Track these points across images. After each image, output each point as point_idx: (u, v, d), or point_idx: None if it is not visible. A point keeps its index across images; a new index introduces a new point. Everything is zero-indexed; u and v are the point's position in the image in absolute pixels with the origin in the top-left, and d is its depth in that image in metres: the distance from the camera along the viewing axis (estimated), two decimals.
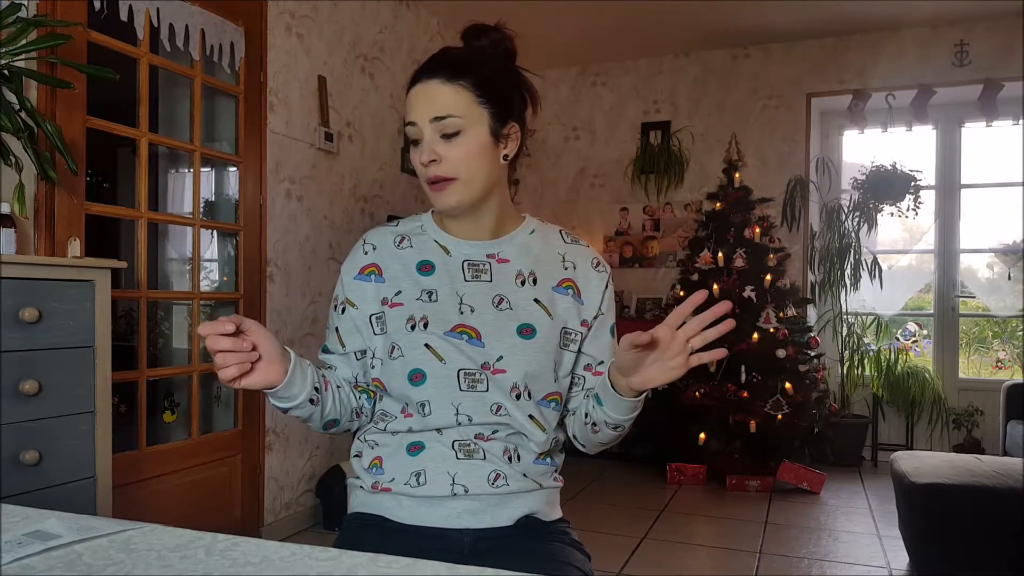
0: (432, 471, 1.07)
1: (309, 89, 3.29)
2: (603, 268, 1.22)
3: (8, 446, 1.64)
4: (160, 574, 0.63)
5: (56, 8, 2.16)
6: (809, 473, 3.91)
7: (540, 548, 1.09)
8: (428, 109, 1.06)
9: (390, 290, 1.13)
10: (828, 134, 4.98)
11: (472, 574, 0.62)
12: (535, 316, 1.12)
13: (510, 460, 1.09)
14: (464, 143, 1.06)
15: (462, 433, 1.08)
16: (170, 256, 3.15)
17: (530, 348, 1.09)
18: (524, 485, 1.10)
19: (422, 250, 1.16)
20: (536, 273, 1.15)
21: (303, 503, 3.24)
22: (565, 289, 1.16)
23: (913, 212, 4.46)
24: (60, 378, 1.75)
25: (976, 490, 2.44)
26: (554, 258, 1.18)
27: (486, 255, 1.15)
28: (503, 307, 1.12)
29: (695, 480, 4.07)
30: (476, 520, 1.07)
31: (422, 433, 1.09)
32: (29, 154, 1.86)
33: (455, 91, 1.05)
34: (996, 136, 4.65)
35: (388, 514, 1.10)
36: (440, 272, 1.13)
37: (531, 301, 1.13)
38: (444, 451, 1.08)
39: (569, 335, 1.15)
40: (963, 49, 4.40)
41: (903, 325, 4.89)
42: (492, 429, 1.09)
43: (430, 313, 1.10)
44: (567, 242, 1.22)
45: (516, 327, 1.10)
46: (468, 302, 1.11)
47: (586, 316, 1.17)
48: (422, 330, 1.09)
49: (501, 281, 1.14)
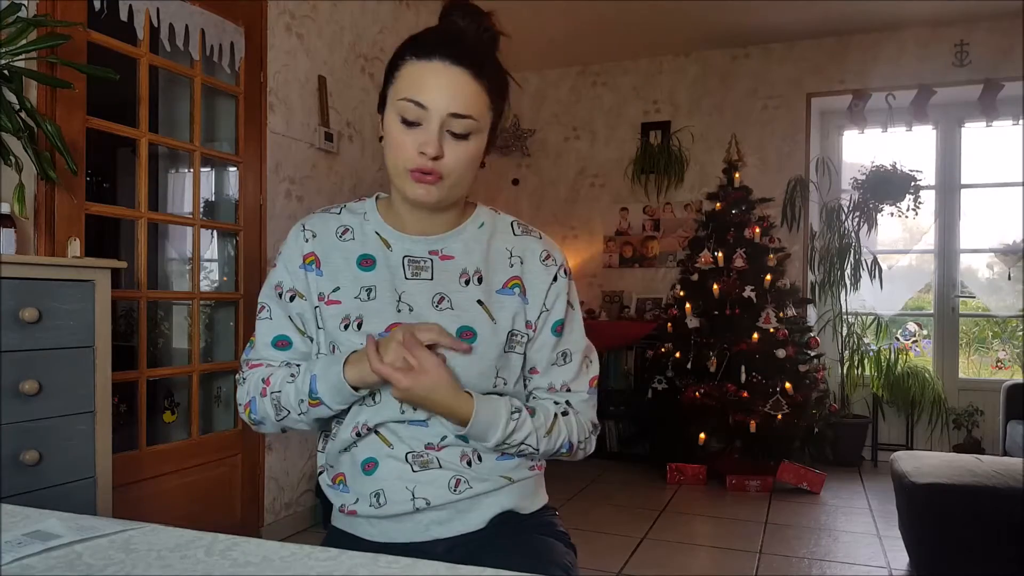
0: (390, 489, 1.03)
1: (309, 89, 3.29)
2: (553, 261, 1.10)
3: (8, 446, 1.64)
4: (160, 574, 0.63)
5: (56, 8, 2.16)
6: (809, 473, 3.91)
7: (517, 545, 1.05)
8: (450, 100, 0.97)
9: (328, 285, 1.06)
10: (828, 134, 4.98)
11: (472, 574, 0.62)
12: (476, 319, 1.04)
13: (469, 464, 1.04)
14: (470, 147, 1.00)
15: (411, 443, 1.03)
16: (170, 256, 3.14)
17: (467, 354, 1.02)
18: (490, 484, 1.05)
19: (364, 243, 1.08)
20: (482, 271, 1.07)
21: (303, 503, 3.24)
22: (511, 289, 1.07)
23: (913, 212, 4.46)
24: (60, 378, 1.75)
25: (976, 490, 2.44)
26: (501, 254, 1.09)
27: (428, 251, 1.08)
28: (443, 307, 1.04)
29: (695, 480, 4.07)
30: (445, 529, 1.04)
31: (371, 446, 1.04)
32: (29, 154, 1.86)
33: (479, 91, 0.99)
34: (996, 136, 4.64)
35: (360, 533, 1.08)
36: (380, 268, 1.06)
37: (474, 302, 1.05)
38: (399, 466, 1.03)
39: (515, 336, 1.07)
40: (963, 49, 4.40)
41: (903, 325, 4.89)
42: (440, 436, 1.03)
43: (366, 312, 1.04)
44: (517, 234, 1.12)
45: (456, 329, 1.02)
46: (407, 300, 1.05)
47: (530, 316, 1.08)
48: (355, 330, 1.03)
49: (443, 279, 1.06)
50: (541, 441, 1.05)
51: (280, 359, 1.10)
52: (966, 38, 4.39)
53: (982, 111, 4.40)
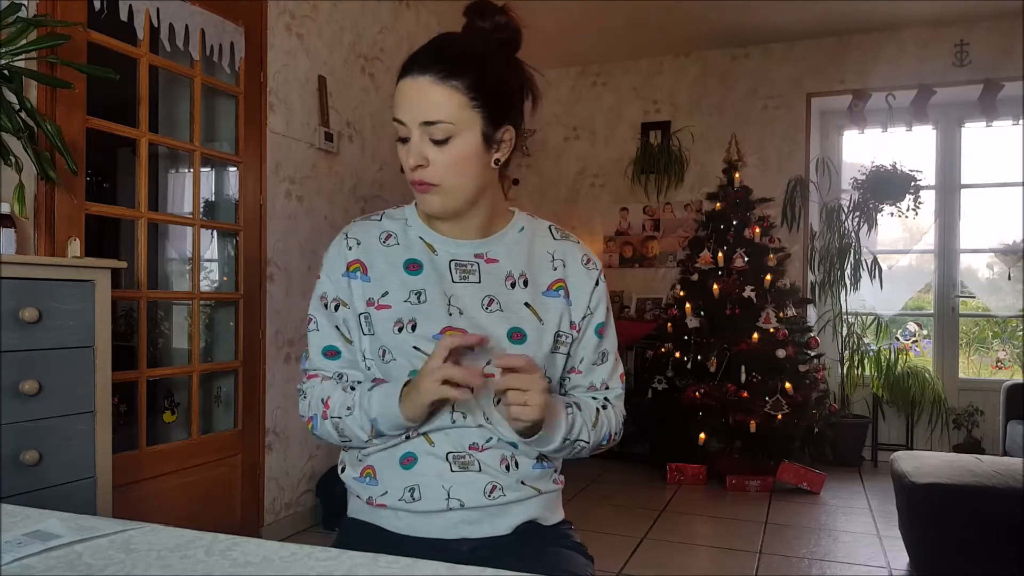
0: (426, 486, 1.04)
1: (309, 89, 3.29)
2: (593, 265, 1.16)
3: (8, 446, 1.64)
4: (160, 574, 0.63)
5: (56, 8, 2.16)
6: (809, 473, 3.91)
7: (539, 555, 1.07)
8: (418, 111, 1.00)
9: (376, 290, 1.08)
10: (828, 134, 4.98)
11: (472, 574, 0.62)
12: (525, 320, 1.08)
13: (507, 469, 1.06)
14: (453, 150, 1.01)
15: (455, 443, 1.05)
16: (170, 256, 3.15)
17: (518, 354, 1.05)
18: (522, 494, 1.08)
19: (408, 247, 1.11)
20: (527, 274, 1.11)
21: (303, 503, 3.24)
22: (556, 292, 1.12)
23: (913, 212, 4.46)
24: (60, 378, 1.75)
25: (976, 490, 2.44)
26: (543, 258, 1.14)
27: (474, 255, 1.11)
28: (492, 309, 1.07)
29: (695, 480, 4.07)
30: (473, 530, 1.06)
31: (413, 443, 1.06)
32: (29, 154, 1.86)
33: (447, 93, 0.99)
34: (996, 136, 4.64)
35: (385, 524, 1.08)
36: (428, 271, 1.09)
37: (522, 304, 1.09)
38: (438, 464, 1.04)
39: (560, 338, 1.11)
40: (963, 49, 4.40)
41: (903, 325, 4.89)
42: (486, 437, 1.06)
43: (419, 315, 1.06)
44: (556, 238, 1.17)
45: (507, 331, 1.06)
46: (457, 304, 1.07)
47: (575, 318, 1.13)
48: (410, 332, 1.05)
49: (490, 282, 1.09)
50: (591, 434, 1.10)
51: (332, 369, 1.13)
52: (966, 38, 4.39)
53: (982, 111, 4.40)
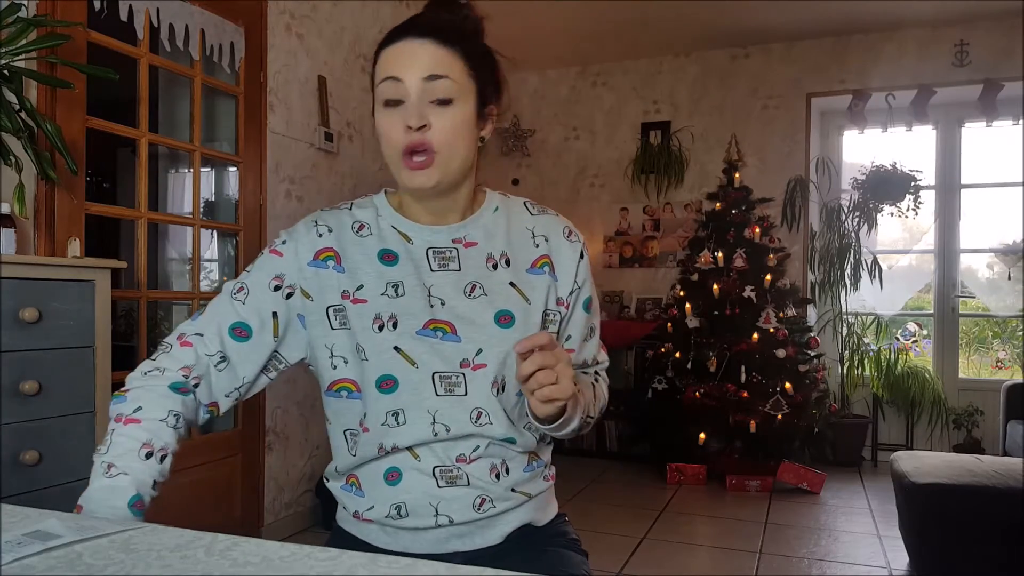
0: (412, 503, 0.99)
1: (309, 89, 3.29)
2: (576, 237, 1.11)
3: (8, 446, 1.64)
4: (160, 574, 0.62)
5: (56, 8, 2.16)
6: (809, 473, 3.91)
7: (533, 560, 1.04)
8: (421, 66, 0.95)
9: (351, 283, 1.01)
10: (828, 134, 4.98)
11: (472, 574, 0.62)
12: (512, 301, 1.03)
13: (497, 477, 1.01)
14: (455, 114, 0.97)
15: (441, 456, 0.99)
16: (170, 256, 3.15)
17: (509, 338, 0.99)
18: (512, 502, 1.03)
19: (382, 237, 1.05)
20: (508, 253, 1.06)
21: (303, 503, 3.24)
22: (540, 269, 1.06)
23: (913, 212, 4.46)
24: (60, 378, 1.75)
25: (976, 490, 2.44)
26: (523, 235, 1.08)
27: (452, 240, 1.05)
28: (476, 294, 1.02)
29: (695, 480, 4.07)
30: (464, 543, 1.02)
31: (397, 457, 1.00)
32: (29, 154, 1.86)
33: (451, 56, 0.97)
34: (996, 136, 4.65)
35: (373, 540, 1.05)
36: (404, 262, 1.03)
37: (507, 285, 1.03)
38: (424, 481, 0.98)
39: (548, 315, 1.06)
40: (963, 49, 4.40)
41: (903, 325, 4.89)
42: (473, 446, 0.99)
43: (398, 310, 1.00)
44: (534, 214, 1.11)
45: (493, 315, 1.01)
46: (437, 294, 1.01)
47: (561, 293, 1.07)
48: (391, 330, 0.99)
49: (471, 267, 1.04)
50: (595, 407, 1.10)
51: (216, 349, 1.00)
52: (966, 38, 4.39)
53: (982, 111, 4.40)
